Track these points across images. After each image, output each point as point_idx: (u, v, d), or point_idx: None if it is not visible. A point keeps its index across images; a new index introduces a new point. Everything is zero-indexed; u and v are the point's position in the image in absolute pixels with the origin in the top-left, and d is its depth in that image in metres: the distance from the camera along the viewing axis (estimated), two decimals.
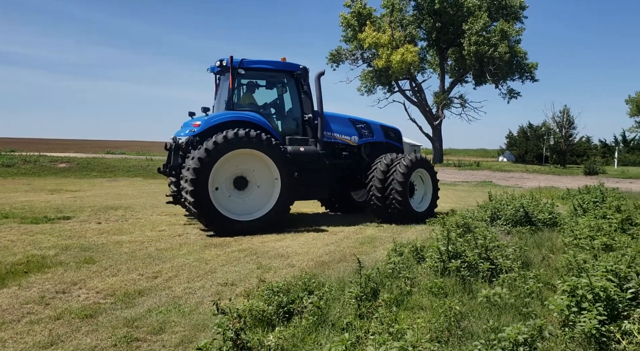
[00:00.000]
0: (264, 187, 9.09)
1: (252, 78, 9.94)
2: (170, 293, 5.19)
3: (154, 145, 73.13)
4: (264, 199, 9.07)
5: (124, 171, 22.89)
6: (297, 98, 10.02)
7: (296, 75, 9.89)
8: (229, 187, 8.91)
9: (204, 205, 8.38)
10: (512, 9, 39.93)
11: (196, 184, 8.28)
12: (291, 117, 10.15)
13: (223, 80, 10.07)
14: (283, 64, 9.89)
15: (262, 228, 8.73)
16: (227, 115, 9.06)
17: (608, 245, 6.14)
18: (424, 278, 5.13)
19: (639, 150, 52.28)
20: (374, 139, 11.16)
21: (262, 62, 9.76)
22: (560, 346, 3.55)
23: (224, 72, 9.85)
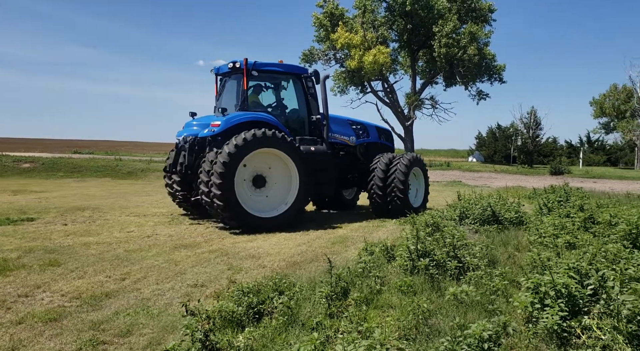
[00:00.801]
0: (282, 186, 9.44)
1: (263, 80, 10.24)
2: (139, 295, 5.12)
3: (122, 145, 71.77)
4: (281, 197, 9.41)
5: (92, 171, 22.39)
6: (304, 100, 10.35)
7: (304, 77, 10.24)
8: (249, 185, 9.16)
9: (231, 202, 8.56)
10: (481, 11, 40.67)
11: (224, 180, 8.43)
12: (299, 118, 10.44)
13: (229, 81, 10.33)
14: (292, 67, 10.35)
15: (281, 226, 9.02)
16: (246, 116, 9.27)
17: (571, 243, 6.33)
18: (394, 277, 5.18)
19: (602, 151, 53.96)
20: (369, 140, 11.74)
21: (273, 64, 10.09)
22: (523, 342, 3.64)
23: (231, 74, 10.05)
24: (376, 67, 38.15)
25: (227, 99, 10.22)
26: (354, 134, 11.35)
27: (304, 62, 43.91)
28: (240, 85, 9.72)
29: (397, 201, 10.51)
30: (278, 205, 9.34)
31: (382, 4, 41.78)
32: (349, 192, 12.50)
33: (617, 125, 49.45)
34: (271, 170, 9.35)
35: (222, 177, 8.44)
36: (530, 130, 46.83)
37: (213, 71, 10.58)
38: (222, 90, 10.48)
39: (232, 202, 8.58)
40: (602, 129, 54.87)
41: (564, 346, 3.58)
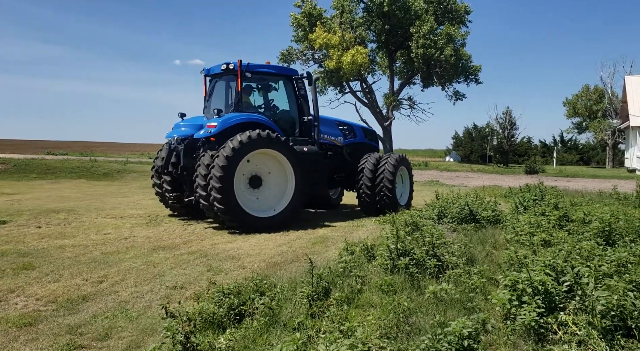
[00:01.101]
0: (278, 186, 9.61)
1: (255, 81, 10.37)
2: (117, 297, 5.04)
3: (97, 146, 70.50)
4: (277, 197, 9.58)
5: (67, 173, 21.93)
6: (295, 101, 10.52)
7: (294, 79, 10.45)
8: (246, 186, 9.26)
9: (231, 203, 8.65)
10: (457, 13, 41.18)
11: (223, 181, 8.51)
12: (290, 118, 10.58)
13: (220, 82, 10.39)
14: (283, 68, 10.74)
15: (278, 225, 9.16)
16: (242, 117, 9.36)
17: (547, 241, 6.45)
18: (375, 276, 5.22)
19: (575, 150, 55.12)
20: (356, 140, 11.98)
21: (266, 66, 10.25)
22: (502, 339, 3.71)
23: (223, 75, 10.10)
24: (354, 68, 38.29)
25: (219, 100, 10.29)
26: (341, 135, 11.59)
27: (282, 62, 43.81)
28: (234, 87, 9.83)
29: (386, 199, 10.82)
30: (275, 205, 9.50)
31: (359, 4, 41.97)
32: (333, 191, 12.71)
33: (589, 125, 50.59)
34: (267, 170, 9.49)
35: (221, 180, 8.51)
36: (505, 130, 47.61)
37: (203, 72, 10.59)
38: (212, 91, 10.50)
39: (231, 203, 8.66)
40: (575, 129, 56.07)
41: (541, 342, 3.66)
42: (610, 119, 45.79)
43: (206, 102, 10.56)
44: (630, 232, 7.01)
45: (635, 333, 3.74)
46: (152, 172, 10.70)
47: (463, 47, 41.61)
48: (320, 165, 10.33)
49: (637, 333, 3.74)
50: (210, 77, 10.57)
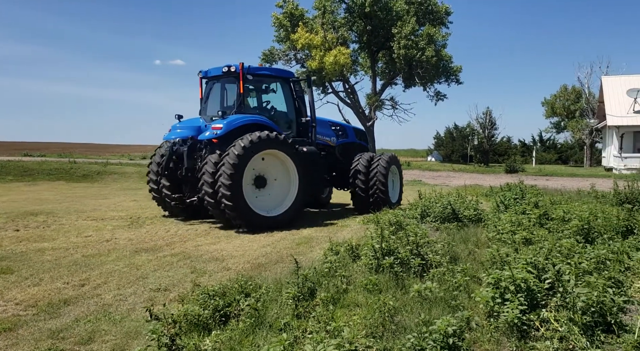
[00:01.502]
0: (281, 185, 9.83)
1: (255, 83, 10.50)
2: (99, 301, 4.98)
3: (76, 147, 69.36)
4: (281, 197, 9.81)
5: (45, 174, 21.50)
6: (292, 102, 10.78)
7: (292, 81, 10.73)
8: (251, 185, 9.39)
9: (239, 202, 8.79)
10: (438, 14, 41.55)
11: (233, 178, 8.65)
12: (288, 119, 10.79)
13: (220, 84, 10.49)
14: (281, 71, 11.02)
15: (282, 224, 9.37)
16: (246, 118, 9.48)
17: (528, 239, 6.56)
18: (360, 276, 5.24)
19: (554, 149, 56.01)
20: (348, 140, 12.28)
21: (265, 68, 10.78)
22: (486, 336, 3.76)
23: (223, 77, 10.21)
24: (337, 68, 38.36)
25: (217, 102, 10.41)
26: (334, 135, 11.87)
27: (264, 62, 43.67)
28: (234, 89, 10.02)
29: (380, 195, 11.18)
30: (279, 204, 9.71)
31: (341, 5, 42.06)
32: (324, 191, 12.96)
33: (567, 125, 51.44)
34: (271, 170, 9.70)
35: (231, 178, 8.65)
36: (485, 130, 48.21)
37: (200, 74, 10.64)
38: (210, 93, 10.59)
39: (240, 202, 8.81)
40: (554, 128, 56.96)
41: (524, 339, 3.72)
42: (587, 119, 46.65)
43: (203, 103, 10.63)
44: (608, 230, 7.17)
45: (614, 328, 3.83)
46: (150, 173, 10.66)
47: (444, 48, 42.00)
48: (319, 165, 10.58)
49: (616, 329, 3.83)
50: (208, 79, 10.61)
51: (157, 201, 10.85)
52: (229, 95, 10.37)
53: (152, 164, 10.57)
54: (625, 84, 34.57)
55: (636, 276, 5.36)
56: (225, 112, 9.65)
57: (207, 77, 10.57)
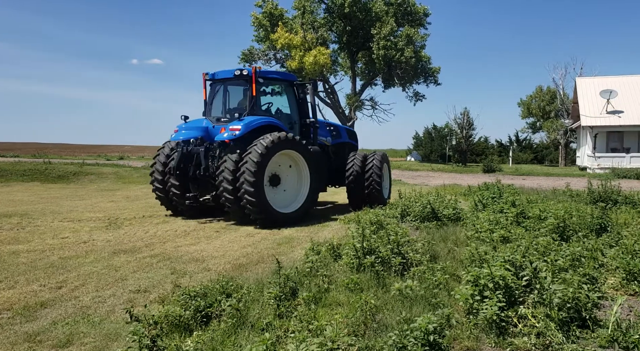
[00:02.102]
0: (293, 184, 10.40)
1: (264, 86, 10.83)
2: (78, 303, 4.90)
3: (50, 147, 68.00)
4: (294, 194, 10.36)
5: (18, 175, 21.02)
6: (295, 104, 11.31)
7: (295, 84, 11.24)
8: (267, 184, 9.76)
9: (261, 199, 9.25)
10: (416, 15, 41.94)
11: (256, 178, 9.10)
12: (292, 121, 11.20)
13: (229, 87, 10.92)
14: (286, 74, 11.66)
15: (296, 220, 9.95)
16: (262, 120, 9.89)
17: (505, 237, 6.68)
18: (341, 275, 5.27)
19: (530, 149, 56.95)
20: (341, 140, 12.74)
21: (273, 72, 11.31)
22: (465, 333, 3.82)
23: (233, 80, 10.58)
24: (317, 68, 38.39)
25: (226, 104, 10.88)
26: (329, 135, 12.28)
27: (243, 61, 43.50)
28: (244, 91, 10.58)
29: (375, 192, 11.73)
30: (292, 201, 10.26)
31: (321, 5, 42.13)
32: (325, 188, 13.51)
33: (542, 125, 52.41)
34: (284, 169, 10.19)
35: (254, 175, 9.08)
36: (463, 130, 48.72)
37: (207, 76, 10.91)
38: (216, 95, 10.95)
39: (261, 198, 9.26)
40: (529, 129, 57.94)
41: (502, 335, 3.79)
42: (562, 119, 47.60)
43: (208, 105, 10.96)
44: (583, 228, 7.35)
45: (589, 323, 3.93)
46: (154, 173, 10.83)
47: (423, 49, 42.40)
48: (322, 164, 11.04)
49: (590, 324, 3.93)
50: (214, 81, 10.91)
51: (162, 200, 11.02)
52: (239, 97, 10.82)
53: (157, 164, 10.75)
54: (599, 85, 35.38)
55: (610, 273, 5.51)
56: (238, 114, 10.05)
57: (214, 79, 10.86)
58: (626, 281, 5.12)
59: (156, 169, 10.76)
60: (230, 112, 10.57)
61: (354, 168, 11.73)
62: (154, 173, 10.85)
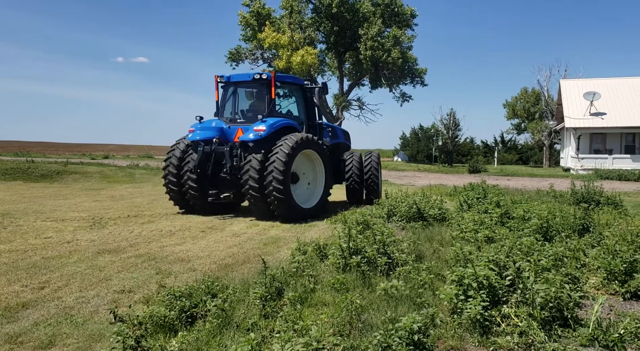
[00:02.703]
0: (310, 181, 11.18)
1: (279, 89, 11.51)
2: (60, 303, 4.84)
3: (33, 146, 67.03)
4: (310, 191, 11.16)
5: (0, 174, 20.71)
6: (304, 107, 12.02)
7: (304, 88, 11.97)
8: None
9: (288, 195, 9.86)
10: (403, 16, 42.14)
11: (284, 176, 9.72)
12: (300, 122, 11.76)
13: (242, 90, 11.57)
14: (297, 78, 12.27)
15: (314, 215, 10.57)
16: (282, 122, 10.53)
17: (490, 237, 6.75)
18: (327, 275, 5.28)
19: (515, 150, 57.56)
20: (338, 140, 13.38)
21: (287, 77, 11.92)
22: (450, 332, 3.85)
23: (247, 83, 11.25)
24: (304, 68, 38.39)
25: (239, 106, 11.56)
26: (328, 136, 12.86)
27: (230, 60, 43.34)
28: (260, 94, 11.23)
29: (374, 187, 12.73)
30: (310, 197, 11.01)
31: (308, 5, 42.11)
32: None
33: (527, 126, 53.02)
34: (300, 168, 10.78)
35: (283, 173, 9.68)
36: (449, 131, 49.09)
37: (223, 79, 11.42)
38: (230, 97, 11.48)
39: (287, 195, 9.85)
40: (514, 130, 58.52)
41: (486, 334, 3.83)
42: (546, 121, 48.19)
43: (221, 106, 11.46)
44: (566, 228, 7.45)
45: (570, 322, 3.99)
46: (168, 169, 11.07)
47: (409, 50, 42.61)
48: (328, 163, 11.61)
49: (572, 323, 3.99)
50: (228, 84, 11.44)
51: (174, 198, 11.29)
52: (256, 99, 11.48)
53: (171, 161, 11.05)
54: (583, 87, 35.88)
55: (591, 273, 5.60)
56: (257, 116, 10.54)
57: (228, 82, 11.37)
58: (607, 281, 5.20)
59: (170, 165, 11.04)
60: (246, 113, 11.36)
61: (353, 168, 12.49)
62: (167, 170, 11.11)
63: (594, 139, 34.61)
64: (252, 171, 9.81)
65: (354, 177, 12.50)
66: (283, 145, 9.86)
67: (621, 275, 5.12)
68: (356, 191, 12.68)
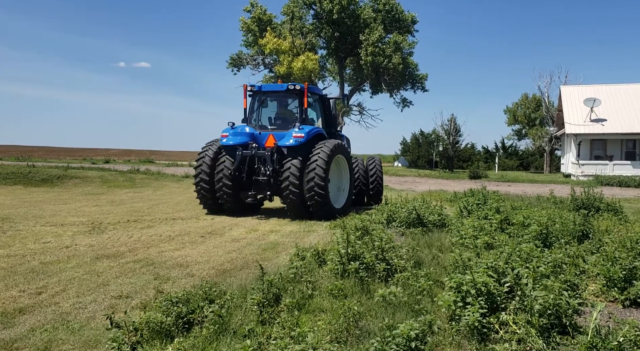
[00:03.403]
0: (338, 183, 12.21)
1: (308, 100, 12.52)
2: (57, 309, 4.82)
3: (35, 150, 67.11)
4: (340, 191, 12.25)
5: (1, 179, 20.72)
6: (323, 115, 13.10)
7: (324, 98, 13.08)
8: None
9: (326, 194, 10.90)
10: (404, 22, 42.28)
11: (324, 177, 10.79)
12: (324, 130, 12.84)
13: (272, 99, 12.69)
14: (318, 89, 13.42)
15: (343, 213, 11.29)
16: (315, 130, 11.59)
17: (489, 244, 6.73)
18: (325, 281, 5.26)
19: (515, 156, 57.56)
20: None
21: (313, 87, 12.82)
22: (447, 339, 3.83)
23: (280, 93, 12.34)
24: (305, 73, 38.49)
25: (270, 114, 12.72)
26: None
27: (232, 66, 43.49)
28: (293, 104, 12.48)
29: (379, 187, 13.77)
30: (339, 197, 12.07)
31: (309, 11, 42.24)
32: None
33: (528, 132, 53.03)
34: (331, 171, 11.44)
35: (323, 176, 10.75)
36: (450, 136, 49.12)
37: (254, 88, 12.38)
38: (260, 105, 12.53)
39: (327, 195, 10.94)
40: (515, 136, 58.53)
41: (484, 342, 3.81)
42: (547, 127, 48.21)
43: (250, 114, 12.38)
44: (565, 235, 7.42)
45: (569, 330, 3.97)
46: (201, 173, 11.72)
47: (410, 55, 42.71)
48: (352, 167, 12.69)
49: (571, 330, 3.96)
50: (258, 93, 12.43)
51: (205, 198, 11.89)
52: (287, 108, 12.68)
53: (204, 165, 11.72)
54: (583, 93, 35.90)
55: (590, 280, 5.58)
56: (289, 123, 11.82)
57: (260, 91, 12.37)
58: (606, 287, 5.18)
59: (204, 164, 11.71)
60: (276, 120, 12.46)
61: (360, 172, 13.59)
62: (200, 170, 11.72)
63: (595, 145, 34.59)
64: (293, 176, 10.80)
65: (361, 179, 13.56)
66: (321, 152, 10.89)
67: (620, 282, 5.09)
68: (362, 193, 13.77)
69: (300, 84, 11.93)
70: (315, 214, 11.08)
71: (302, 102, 11.84)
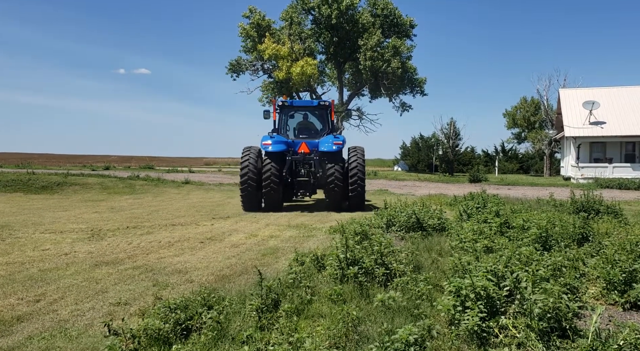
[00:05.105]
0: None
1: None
2: (55, 316, 4.80)
3: (35, 157, 67.11)
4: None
5: (0, 186, 20.72)
6: (329, 122, 15.15)
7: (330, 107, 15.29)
8: None
9: (364, 190, 13.83)
10: (402, 26, 42.36)
11: (363, 178, 13.70)
12: None
13: (302, 112, 15.37)
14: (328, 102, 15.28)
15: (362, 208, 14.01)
16: (343, 138, 14.04)
17: (489, 247, 6.71)
18: (324, 286, 5.24)
19: (515, 159, 57.50)
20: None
21: (332, 103, 15.29)
22: (447, 344, 3.81)
23: (309, 108, 15.32)
24: (304, 78, 38.55)
25: (302, 125, 15.29)
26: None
27: (231, 72, 43.55)
28: (324, 116, 15.13)
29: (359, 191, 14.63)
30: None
31: (308, 16, 42.35)
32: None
33: (527, 135, 53.01)
34: None
35: (364, 175, 13.67)
36: (450, 140, 49.10)
37: (286, 102, 14.91)
38: (290, 117, 15.23)
39: (365, 190, 13.90)
40: (515, 139, 58.50)
41: (484, 346, 3.79)
42: (546, 130, 48.20)
43: (280, 125, 14.78)
44: (565, 237, 7.41)
45: (569, 333, 3.95)
46: (248, 174, 13.40)
47: (409, 60, 42.78)
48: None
49: (570, 334, 3.94)
50: (290, 107, 15.09)
51: (248, 197, 13.64)
52: (314, 120, 15.33)
53: (250, 166, 13.46)
54: (582, 97, 35.92)
55: (590, 283, 5.56)
56: (315, 132, 14.94)
57: (291, 106, 15.07)
58: (606, 290, 5.16)
59: (250, 165, 13.44)
60: (305, 130, 15.05)
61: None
62: (248, 173, 13.41)
63: (594, 148, 34.58)
64: (338, 173, 13.42)
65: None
66: (359, 155, 13.81)
67: (620, 285, 5.07)
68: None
69: (328, 100, 14.79)
70: (353, 204, 13.73)
71: (330, 115, 14.79)
